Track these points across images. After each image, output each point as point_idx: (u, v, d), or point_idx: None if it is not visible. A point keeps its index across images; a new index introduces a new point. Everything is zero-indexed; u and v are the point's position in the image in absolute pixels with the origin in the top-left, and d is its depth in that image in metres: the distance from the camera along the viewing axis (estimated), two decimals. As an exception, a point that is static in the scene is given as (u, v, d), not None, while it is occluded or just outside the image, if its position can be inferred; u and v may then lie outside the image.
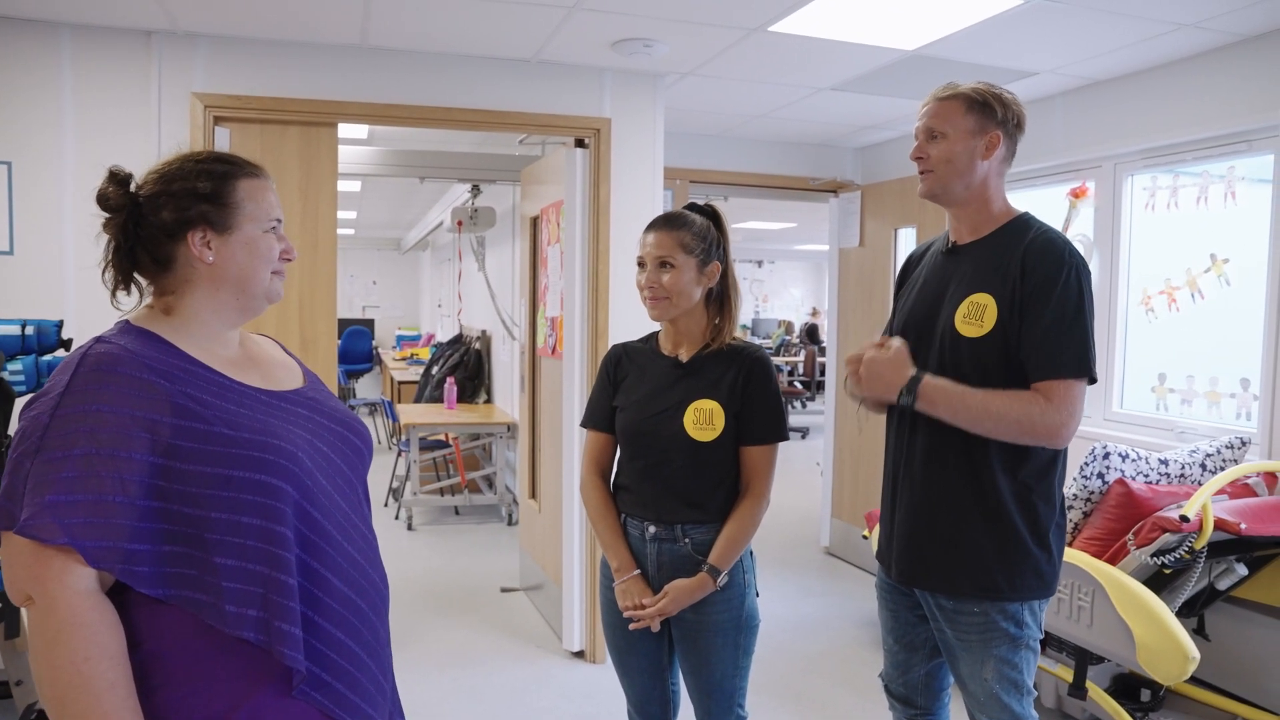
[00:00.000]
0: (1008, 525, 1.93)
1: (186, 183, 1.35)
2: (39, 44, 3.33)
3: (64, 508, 1.15)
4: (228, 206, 1.36)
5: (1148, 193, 3.89)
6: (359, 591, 1.37)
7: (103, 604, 1.19)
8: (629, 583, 2.12)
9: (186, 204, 1.34)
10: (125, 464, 1.19)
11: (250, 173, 1.41)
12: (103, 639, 1.17)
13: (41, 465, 1.17)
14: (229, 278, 1.37)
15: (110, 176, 1.35)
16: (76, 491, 1.16)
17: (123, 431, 1.19)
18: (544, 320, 4.53)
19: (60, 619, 1.16)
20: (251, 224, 1.39)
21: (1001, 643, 1.95)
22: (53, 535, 1.14)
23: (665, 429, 2.11)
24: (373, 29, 3.44)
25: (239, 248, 1.37)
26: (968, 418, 1.89)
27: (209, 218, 1.35)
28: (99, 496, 1.17)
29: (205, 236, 1.35)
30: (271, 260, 1.42)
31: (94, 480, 1.17)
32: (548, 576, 4.46)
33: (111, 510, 1.17)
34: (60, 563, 1.15)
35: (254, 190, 1.40)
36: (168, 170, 1.36)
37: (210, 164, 1.38)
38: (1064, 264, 1.88)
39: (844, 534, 5.74)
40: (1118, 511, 3.00)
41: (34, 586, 1.17)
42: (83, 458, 1.17)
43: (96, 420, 1.19)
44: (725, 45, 3.59)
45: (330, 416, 1.47)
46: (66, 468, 1.17)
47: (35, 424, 1.20)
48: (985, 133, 1.96)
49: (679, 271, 2.11)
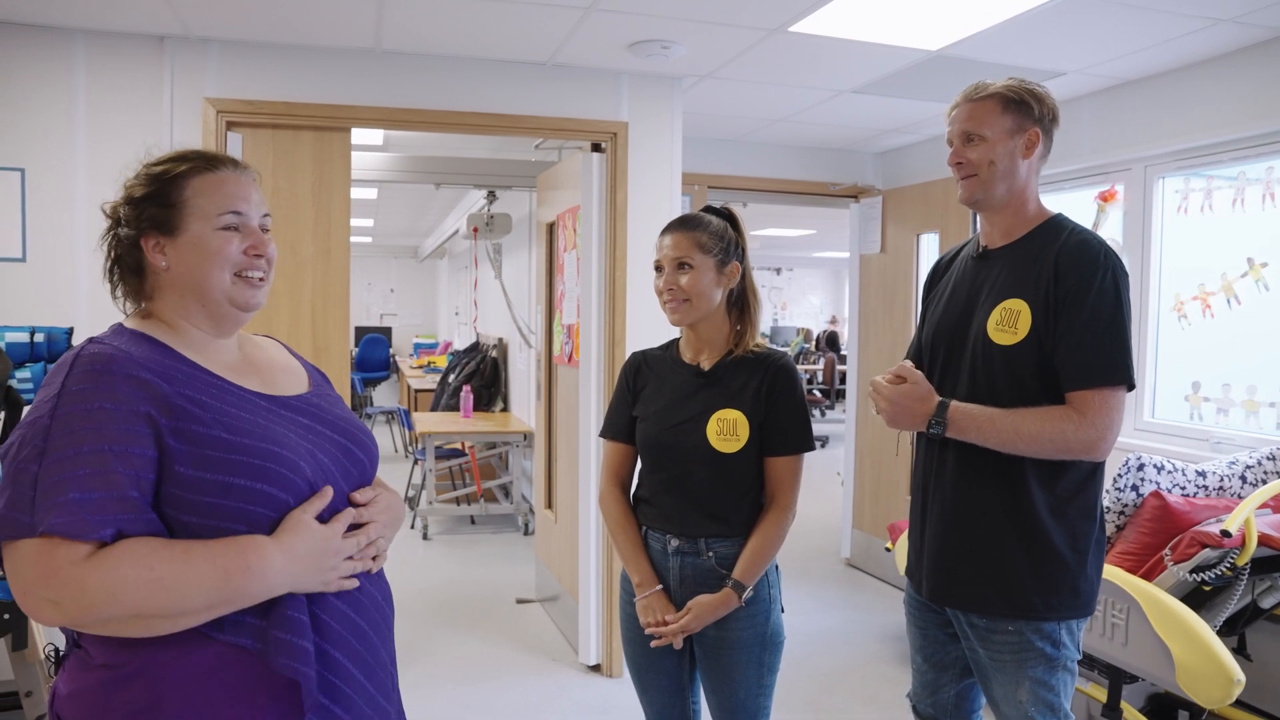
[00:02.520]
0: (1044, 541, 1.84)
1: (133, 189, 1.32)
2: (52, 50, 3.31)
3: (92, 504, 1.10)
4: (172, 207, 1.31)
5: (1180, 195, 3.79)
6: (358, 609, 1.31)
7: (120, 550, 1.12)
8: (651, 598, 2.05)
9: (136, 210, 1.31)
10: (138, 460, 1.14)
11: (208, 166, 1.34)
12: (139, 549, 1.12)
13: (52, 466, 1.11)
14: (184, 283, 1.31)
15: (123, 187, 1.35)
16: (98, 489, 1.11)
17: (128, 427, 1.15)
18: (560, 328, 4.47)
19: (98, 584, 1.09)
20: (200, 222, 1.31)
21: (1037, 663, 1.86)
22: (87, 530, 1.09)
23: (687, 440, 2.03)
24: (386, 32, 3.40)
25: (188, 250, 1.31)
26: (998, 440, 1.81)
27: (156, 221, 1.30)
28: (122, 492, 1.12)
29: (158, 243, 1.30)
30: (226, 259, 1.32)
31: (111, 475, 1.12)
32: (564, 588, 4.39)
33: (132, 505, 1.13)
34: (65, 551, 1.09)
35: (207, 185, 1.32)
36: (126, 178, 1.35)
37: (159, 165, 1.34)
38: (1099, 266, 1.80)
39: (865, 545, 5.64)
40: (1153, 525, 2.89)
41: (50, 583, 1.09)
42: (94, 454, 1.12)
43: (100, 417, 1.14)
44: (744, 46, 3.52)
45: (333, 426, 1.40)
46: (80, 465, 1.11)
47: (35, 428, 1.14)
48: (1024, 131, 1.89)
49: (697, 272, 2.04)
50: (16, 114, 3.28)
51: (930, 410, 1.87)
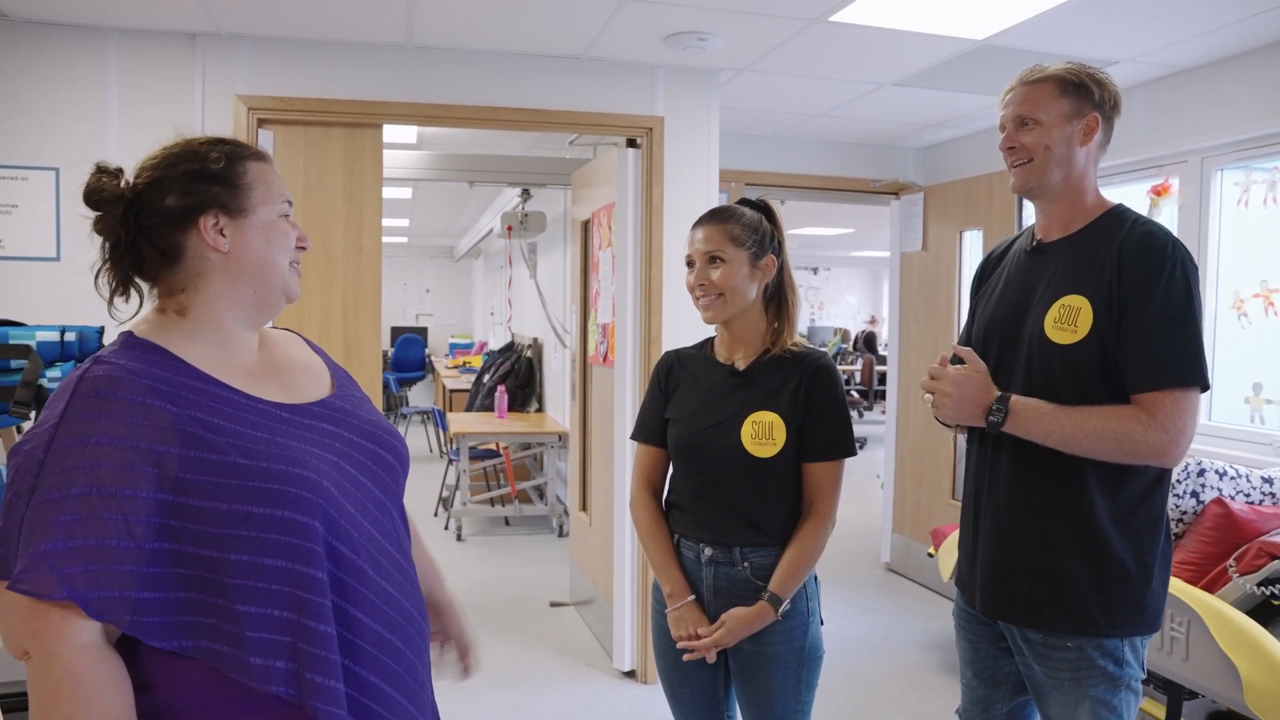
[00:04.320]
0: (1107, 551, 1.72)
1: (193, 163, 1.22)
2: (87, 49, 3.30)
3: (62, 555, 1.03)
4: (240, 188, 1.24)
5: (1240, 188, 3.63)
6: (394, 629, 1.24)
7: (106, 660, 1.06)
8: (683, 610, 1.96)
9: (194, 185, 1.21)
10: (130, 503, 1.06)
11: (257, 155, 1.29)
12: (105, 700, 1.05)
13: (37, 508, 1.05)
14: (246, 268, 1.25)
15: (98, 170, 1.24)
16: (76, 537, 1.04)
17: (126, 466, 1.07)
18: (595, 327, 4.40)
19: (57, 678, 1.04)
20: (265, 207, 1.26)
21: (1098, 682, 1.75)
22: (49, 589, 1.02)
23: (721, 443, 1.94)
24: (418, 27, 3.35)
25: (255, 233, 1.25)
26: (1061, 437, 1.69)
27: (221, 200, 1.22)
28: (101, 541, 1.04)
29: (218, 222, 1.22)
30: (289, 248, 1.30)
31: (95, 523, 1.04)
32: (598, 592, 4.32)
33: (116, 556, 1.05)
34: (59, 616, 1.03)
35: (263, 172, 1.28)
36: (169, 154, 1.24)
37: (216, 145, 1.26)
38: (1166, 259, 1.68)
39: (905, 550, 5.51)
40: (1215, 534, 2.76)
41: (30, 641, 1.05)
42: (81, 498, 1.05)
43: (96, 454, 1.06)
44: (783, 38, 3.42)
45: (360, 431, 1.32)
46: (64, 510, 1.04)
47: (29, 460, 1.08)
48: (1082, 116, 1.79)
49: (730, 266, 1.94)
50: (51, 114, 3.28)
51: (990, 400, 1.76)
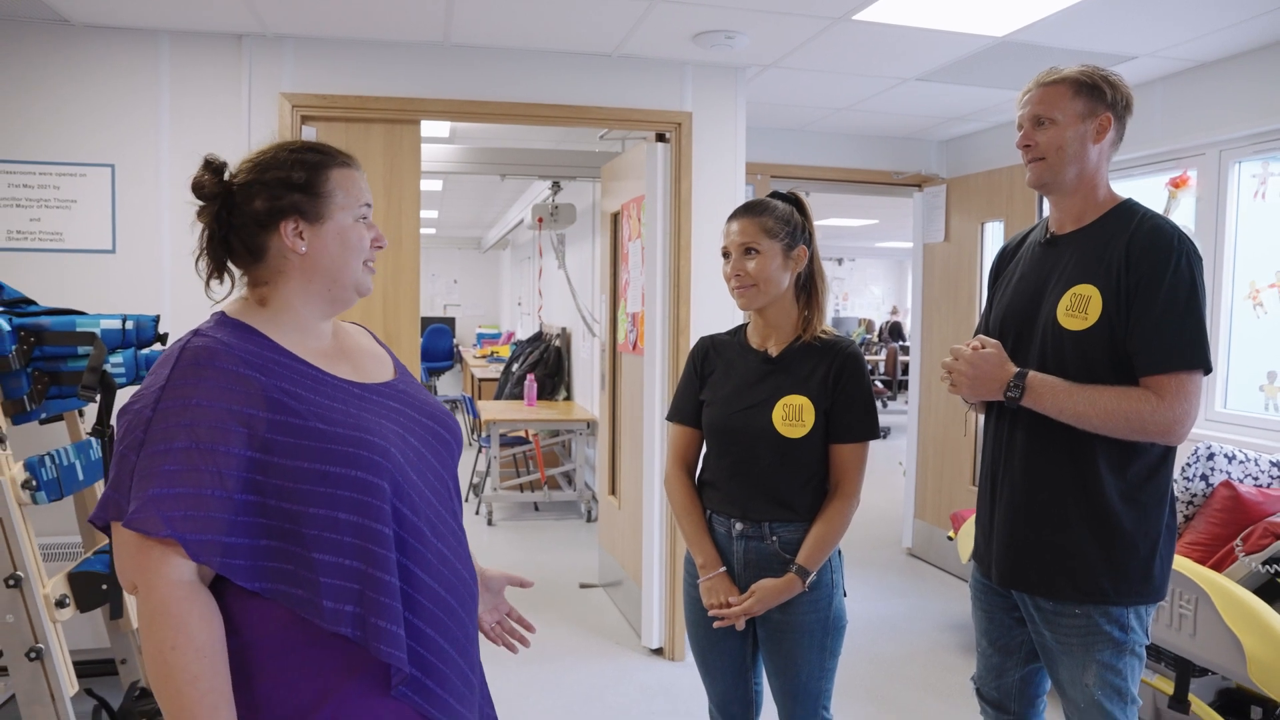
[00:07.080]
0: (1115, 525, 1.84)
1: (280, 172, 1.35)
2: (140, 51, 3.46)
3: (166, 500, 1.17)
4: (320, 196, 1.36)
5: (1257, 180, 3.69)
6: (449, 588, 1.36)
7: (196, 595, 1.20)
8: (715, 580, 2.09)
9: (279, 193, 1.34)
10: (223, 458, 1.20)
11: (342, 162, 1.41)
12: (191, 630, 1.18)
13: (146, 459, 1.19)
14: (321, 268, 1.37)
15: (205, 165, 1.36)
16: (177, 485, 1.18)
17: (220, 426, 1.21)
18: (625, 316, 4.53)
19: (153, 607, 1.18)
20: (343, 213, 1.38)
21: (1105, 647, 1.86)
22: (156, 528, 1.16)
23: (753, 425, 2.06)
24: (455, 27, 3.48)
25: (331, 238, 1.37)
26: (1074, 413, 1.81)
27: (301, 207, 1.35)
28: (198, 490, 1.18)
29: (297, 227, 1.35)
30: (363, 250, 1.41)
31: (194, 474, 1.18)
32: (627, 573, 4.45)
33: (210, 504, 1.19)
34: (160, 553, 1.17)
35: (344, 179, 1.40)
36: (261, 159, 1.37)
37: (304, 153, 1.38)
38: (1173, 251, 1.79)
39: (927, 535, 5.61)
40: (1223, 515, 2.85)
41: (137, 575, 1.19)
42: (183, 451, 1.19)
43: (195, 414, 1.21)
44: (808, 35, 3.53)
45: (421, 410, 1.46)
46: (168, 461, 1.19)
47: (139, 418, 1.22)
48: (1095, 116, 1.89)
49: (765, 257, 2.07)
50: (107, 113, 3.44)
51: (1008, 376, 1.89)
